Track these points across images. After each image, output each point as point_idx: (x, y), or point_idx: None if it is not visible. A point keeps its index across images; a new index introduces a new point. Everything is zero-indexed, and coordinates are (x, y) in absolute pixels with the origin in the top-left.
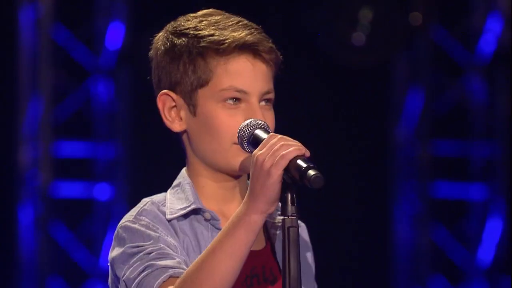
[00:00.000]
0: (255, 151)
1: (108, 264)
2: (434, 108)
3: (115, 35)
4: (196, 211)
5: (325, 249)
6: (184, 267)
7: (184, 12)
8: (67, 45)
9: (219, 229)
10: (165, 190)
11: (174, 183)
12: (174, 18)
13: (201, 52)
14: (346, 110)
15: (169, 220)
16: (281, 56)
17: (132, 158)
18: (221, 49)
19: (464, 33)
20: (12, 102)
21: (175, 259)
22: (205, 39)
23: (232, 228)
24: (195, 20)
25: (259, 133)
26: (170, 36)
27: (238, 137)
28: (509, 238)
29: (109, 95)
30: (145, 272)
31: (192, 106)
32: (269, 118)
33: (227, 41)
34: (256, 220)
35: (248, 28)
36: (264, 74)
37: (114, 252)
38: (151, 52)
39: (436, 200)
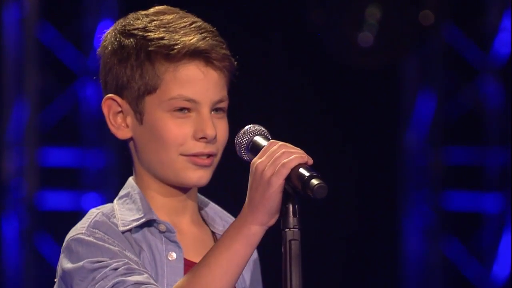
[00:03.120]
0: (255, 159)
1: (56, 279)
2: (446, 113)
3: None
4: (149, 223)
5: (330, 263)
6: (154, 282)
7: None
8: (54, 46)
9: (174, 241)
10: None
11: (121, 193)
12: None
13: (149, 57)
14: (352, 115)
15: (123, 232)
16: (235, 63)
17: (123, 166)
18: (171, 55)
19: (478, 33)
20: None
21: (143, 274)
22: (154, 42)
23: (229, 241)
24: (145, 19)
25: (259, 140)
26: (118, 35)
27: (235, 144)
28: None
29: (98, 99)
30: None
31: (138, 114)
32: (221, 128)
33: (176, 46)
34: (256, 232)
35: (201, 32)
36: (216, 82)
37: (67, 265)
38: (99, 50)
39: (448, 211)
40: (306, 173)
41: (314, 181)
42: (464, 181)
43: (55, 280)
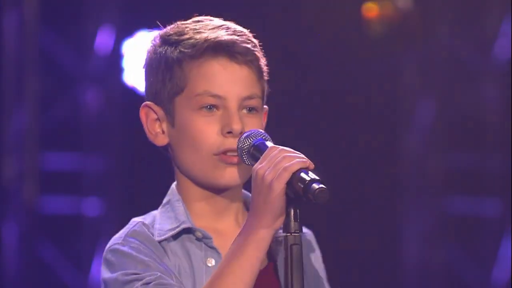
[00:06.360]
0: (256, 165)
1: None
2: (446, 117)
3: (105, 39)
4: (187, 231)
5: (330, 267)
6: None
7: (177, 15)
8: (54, 50)
9: (212, 247)
10: (159, 206)
11: (164, 200)
12: (167, 21)
13: (177, 59)
14: (351, 119)
15: (159, 242)
16: (264, 60)
17: (123, 171)
18: (194, 52)
19: (478, 38)
20: None
21: None
22: (182, 43)
23: (239, 249)
24: (181, 26)
25: (260, 145)
26: (154, 46)
27: (237, 149)
28: None
29: (99, 103)
30: None
31: (170, 116)
32: (251, 126)
33: (199, 43)
34: (264, 236)
35: (227, 30)
36: (243, 77)
37: (105, 275)
38: (142, 65)
39: (448, 216)
40: (307, 178)
41: (315, 186)
42: (464, 185)
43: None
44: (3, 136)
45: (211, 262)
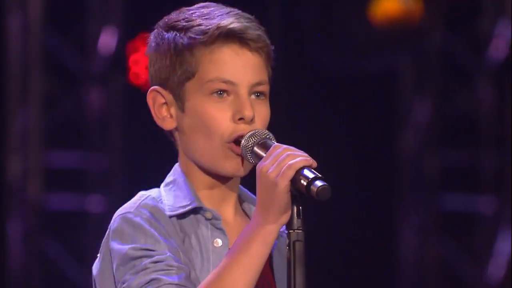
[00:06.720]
0: (260, 162)
1: (98, 254)
2: (442, 116)
3: (108, 40)
4: (195, 210)
5: (327, 265)
6: (190, 286)
7: None
8: (58, 50)
9: (219, 229)
10: None
11: (168, 179)
12: None
13: (188, 44)
14: (349, 119)
15: (169, 217)
16: (272, 47)
17: (126, 168)
18: (206, 38)
19: (473, 38)
20: (0, 110)
21: (182, 274)
22: (192, 29)
23: (246, 243)
24: (187, 12)
25: (264, 143)
26: (161, 30)
27: (241, 147)
28: None
29: (102, 102)
30: (150, 287)
31: (180, 102)
32: (260, 112)
33: (211, 29)
34: (271, 231)
35: (236, 17)
36: (254, 64)
37: (115, 245)
38: (146, 50)
39: (444, 213)
40: (311, 175)
41: (318, 183)
42: (459, 183)
43: (98, 255)
44: (8, 135)
45: (218, 243)
